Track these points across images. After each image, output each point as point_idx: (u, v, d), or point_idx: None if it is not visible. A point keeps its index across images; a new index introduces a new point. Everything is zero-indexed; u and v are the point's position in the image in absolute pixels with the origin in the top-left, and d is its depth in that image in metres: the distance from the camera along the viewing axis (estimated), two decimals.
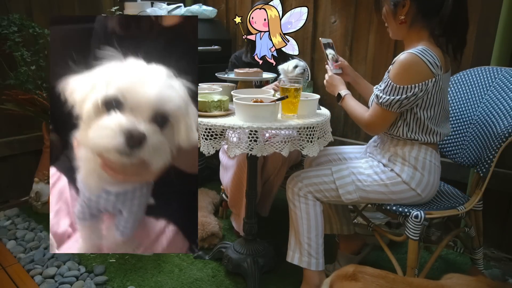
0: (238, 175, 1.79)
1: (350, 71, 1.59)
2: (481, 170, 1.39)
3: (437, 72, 1.23)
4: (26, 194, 2.25)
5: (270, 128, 1.24)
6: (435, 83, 1.25)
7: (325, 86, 1.56)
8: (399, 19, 1.30)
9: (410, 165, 1.35)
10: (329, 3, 2.20)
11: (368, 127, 1.39)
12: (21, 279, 1.62)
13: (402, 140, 1.37)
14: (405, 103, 1.26)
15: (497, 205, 1.81)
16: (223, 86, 1.61)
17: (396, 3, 1.29)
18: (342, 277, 0.97)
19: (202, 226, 1.85)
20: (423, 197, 1.37)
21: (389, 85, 1.27)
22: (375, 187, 1.37)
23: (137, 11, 2.35)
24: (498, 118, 1.41)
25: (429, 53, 1.23)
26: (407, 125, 1.34)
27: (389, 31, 1.39)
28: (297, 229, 1.45)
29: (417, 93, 1.24)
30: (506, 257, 1.83)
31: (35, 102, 2.04)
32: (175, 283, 1.61)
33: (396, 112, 1.30)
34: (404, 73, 1.24)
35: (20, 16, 2.07)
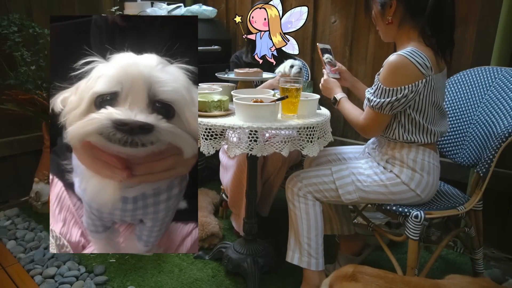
0: (238, 175, 1.79)
1: (348, 76, 1.59)
2: (481, 170, 1.39)
3: (427, 72, 1.23)
4: (26, 194, 2.25)
5: (270, 128, 1.24)
6: (426, 83, 1.24)
7: (321, 89, 1.56)
8: (386, 19, 1.30)
9: (408, 167, 1.34)
10: (329, 3, 2.20)
11: (363, 131, 1.39)
12: (21, 279, 1.62)
13: (399, 143, 1.37)
14: (396, 105, 1.26)
15: (497, 205, 1.81)
16: (223, 86, 1.61)
17: (383, 4, 1.29)
18: (342, 278, 0.97)
19: (202, 226, 1.85)
20: (422, 197, 1.37)
21: (379, 88, 1.27)
22: (375, 187, 1.37)
23: (137, 11, 2.35)
24: (498, 118, 1.41)
25: (418, 54, 1.22)
26: (403, 126, 1.33)
27: (380, 34, 1.40)
28: (296, 229, 1.45)
29: (407, 94, 1.23)
30: (506, 257, 1.82)
31: (35, 102, 2.04)
32: (175, 283, 1.61)
33: (389, 115, 1.30)
34: (393, 75, 1.24)
35: (20, 16, 2.07)
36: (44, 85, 2.13)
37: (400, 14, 1.28)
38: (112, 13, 2.28)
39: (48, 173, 2.13)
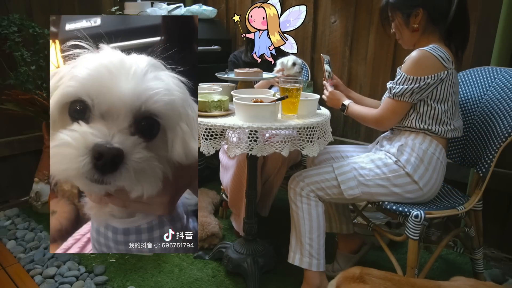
0: (238, 175, 1.79)
1: (343, 88, 1.67)
2: (481, 170, 1.39)
3: (449, 66, 1.30)
4: (26, 194, 2.25)
5: (270, 128, 1.24)
6: (448, 75, 1.31)
7: (326, 102, 1.61)
8: (412, 27, 1.38)
9: (417, 157, 1.36)
10: (329, 3, 2.20)
11: (378, 122, 1.43)
12: (21, 279, 1.62)
13: (415, 132, 1.40)
14: (417, 91, 1.31)
15: (497, 205, 1.81)
16: (223, 86, 1.61)
17: (409, 13, 1.37)
18: (349, 279, 0.97)
19: (202, 226, 1.85)
20: (424, 192, 1.37)
21: (402, 77, 1.34)
22: (377, 180, 1.37)
23: (137, 11, 2.35)
24: (498, 118, 1.41)
25: (439, 49, 1.30)
26: (420, 117, 1.38)
27: (401, 41, 1.47)
28: (298, 230, 1.45)
29: (429, 83, 1.29)
30: (506, 257, 1.82)
31: (35, 102, 2.04)
32: (175, 283, 1.61)
33: (408, 103, 1.35)
34: (416, 65, 1.31)
35: (20, 16, 2.07)
36: (44, 85, 2.13)
37: (424, 21, 1.37)
38: (112, 13, 2.29)
39: (48, 173, 2.13)
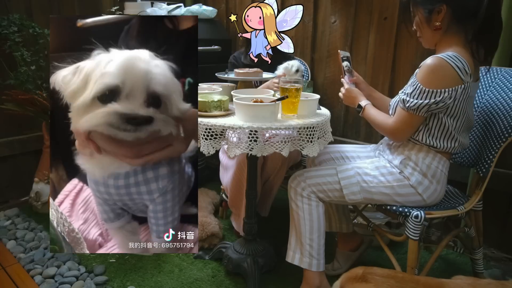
0: (238, 175, 1.79)
1: (365, 86, 1.57)
2: (481, 170, 1.39)
3: (466, 79, 1.21)
4: (26, 194, 2.25)
5: (270, 128, 1.24)
6: (464, 90, 1.22)
7: (342, 99, 1.53)
8: (434, 25, 1.28)
9: (420, 172, 1.34)
10: (329, 3, 2.20)
11: (393, 134, 1.36)
12: (21, 279, 1.62)
13: (418, 146, 1.35)
14: (433, 107, 1.24)
15: (497, 205, 1.81)
16: (223, 86, 1.61)
17: (431, 9, 1.26)
18: (353, 279, 0.97)
19: (202, 226, 1.85)
20: (427, 203, 1.37)
21: (417, 88, 1.24)
22: (381, 188, 1.36)
23: (137, 11, 2.35)
24: (498, 118, 1.40)
25: (459, 59, 1.20)
26: (429, 130, 1.32)
27: (422, 40, 1.36)
28: (298, 230, 1.44)
29: (445, 98, 1.21)
30: (506, 257, 1.82)
31: (35, 102, 2.04)
32: (175, 283, 1.61)
33: (423, 117, 1.28)
34: (432, 75, 1.22)
35: (20, 16, 2.07)
36: (44, 85, 2.13)
37: (448, 19, 1.26)
38: (112, 13, 2.28)
39: (48, 173, 2.13)
